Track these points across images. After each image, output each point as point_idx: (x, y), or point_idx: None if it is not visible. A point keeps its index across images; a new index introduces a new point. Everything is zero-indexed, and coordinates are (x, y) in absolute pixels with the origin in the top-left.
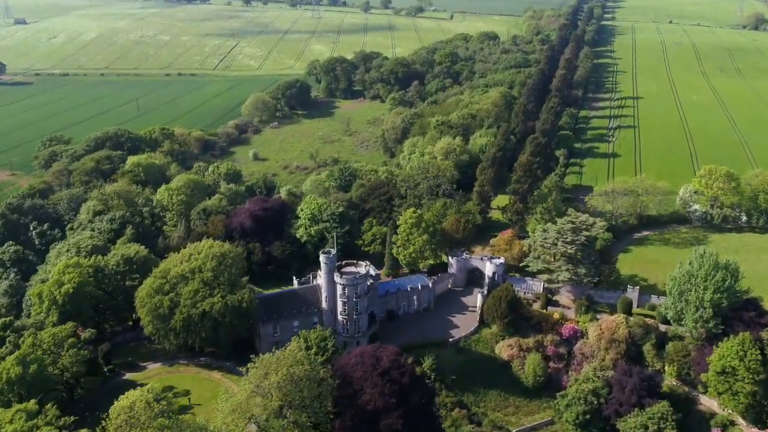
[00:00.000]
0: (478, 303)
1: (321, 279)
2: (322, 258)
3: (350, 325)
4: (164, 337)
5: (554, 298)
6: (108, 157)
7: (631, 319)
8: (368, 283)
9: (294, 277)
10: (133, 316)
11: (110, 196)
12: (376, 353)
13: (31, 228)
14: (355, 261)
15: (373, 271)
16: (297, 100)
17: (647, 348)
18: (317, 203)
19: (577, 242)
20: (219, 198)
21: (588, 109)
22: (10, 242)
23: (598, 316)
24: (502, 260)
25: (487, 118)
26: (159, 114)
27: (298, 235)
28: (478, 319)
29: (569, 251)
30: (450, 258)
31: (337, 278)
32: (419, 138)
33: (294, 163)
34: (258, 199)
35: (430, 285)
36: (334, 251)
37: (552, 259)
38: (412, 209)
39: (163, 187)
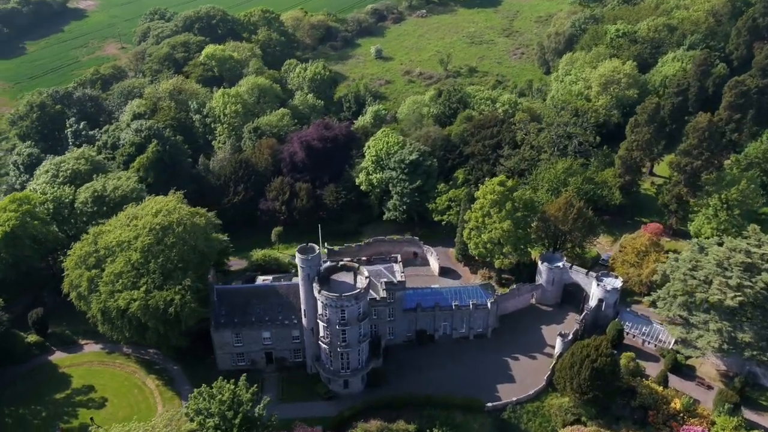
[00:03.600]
0: (557, 348)
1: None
2: (298, 258)
3: (334, 357)
4: (93, 320)
5: (687, 361)
6: (185, 44)
7: None
8: (366, 302)
9: (325, 244)
10: None
11: (162, 95)
12: None
13: (67, 125)
14: (356, 265)
15: (399, 276)
16: None
17: None
18: (386, 142)
19: (748, 290)
20: (281, 114)
21: None
22: (29, 142)
23: (755, 419)
24: (618, 284)
25: (692, 33)
26: None
27: (357, 182)
28: (547, 375)
29: (729, 302)
30: (540, 262)
31: (316, 292)
32: (582, 54)
33: (418, 68)
34: (320, 123)
35: (489, 305)
36: (318, 249)
37: (697, 305)
38: (498, 178)
39: (220, 91)
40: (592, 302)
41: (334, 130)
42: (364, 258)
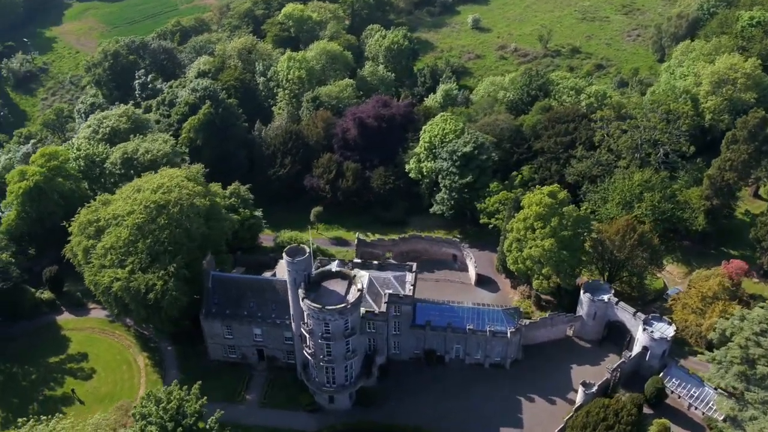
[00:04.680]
0: (578, 399)
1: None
2: (285, 260)
3: (318, 370)
4: None
5: None
6: (266, 0)
7: None
8: (357, 317)
9: (357, 233)
10: None
11: (231, 53)
12: None
13: (136, 76)
14: (352, 273)
15: (408, 288)
16: None
17: None
18: (443, 128)
19: None
20: (344, 85)
21: None
22: (94, 91)
23: None
24: (669, 332)
25: None
26: None
27: (407, 168)
28: (559, 429)
29: None
30: (582, 292)
31: (300, 299)
32: (701, 43)
33: (514, 44)
34: (378, 99)
35: (508, 334)
36: (308, 250)
37: (758, 379)
38: (548, 188)
39: (286, 54)
40: (636, 348)
41: (392, 108)
42: (375, 261)
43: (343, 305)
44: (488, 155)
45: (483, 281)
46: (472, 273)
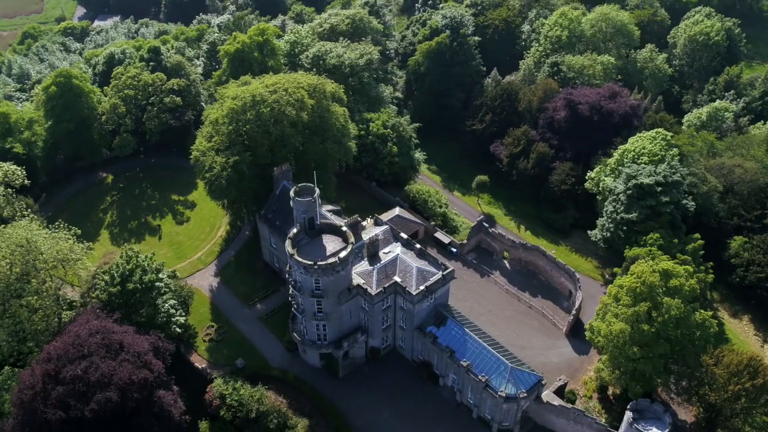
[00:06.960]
0: None
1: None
2: (291, 196)
3: (297, 316)
4: None
5: None
6: None
7: None
8: (332, 281)
9: (483, 219)
10: None
11: None
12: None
13: None
14: (351, 238)
15: (419, 288)
16: None
17: None
18: (643, 147)
19: None
20: (594, 61)
21: None
22: None
23: None
24: None
25: None
26: None
27: (586, 175)
28: None
29: None
30: (627, 408)
31: (288, 236)
32: None
33: None
34: (609, 87)
35: (497, 396)
36: (316, 193)
37: None
38: (669, 263)
39: (560, 10)
40: None
41: (614, 104)
42: (418, 246)
43: (310, 262)
44: (675, 199)
45: (577, 335)
46: (567, 319)
